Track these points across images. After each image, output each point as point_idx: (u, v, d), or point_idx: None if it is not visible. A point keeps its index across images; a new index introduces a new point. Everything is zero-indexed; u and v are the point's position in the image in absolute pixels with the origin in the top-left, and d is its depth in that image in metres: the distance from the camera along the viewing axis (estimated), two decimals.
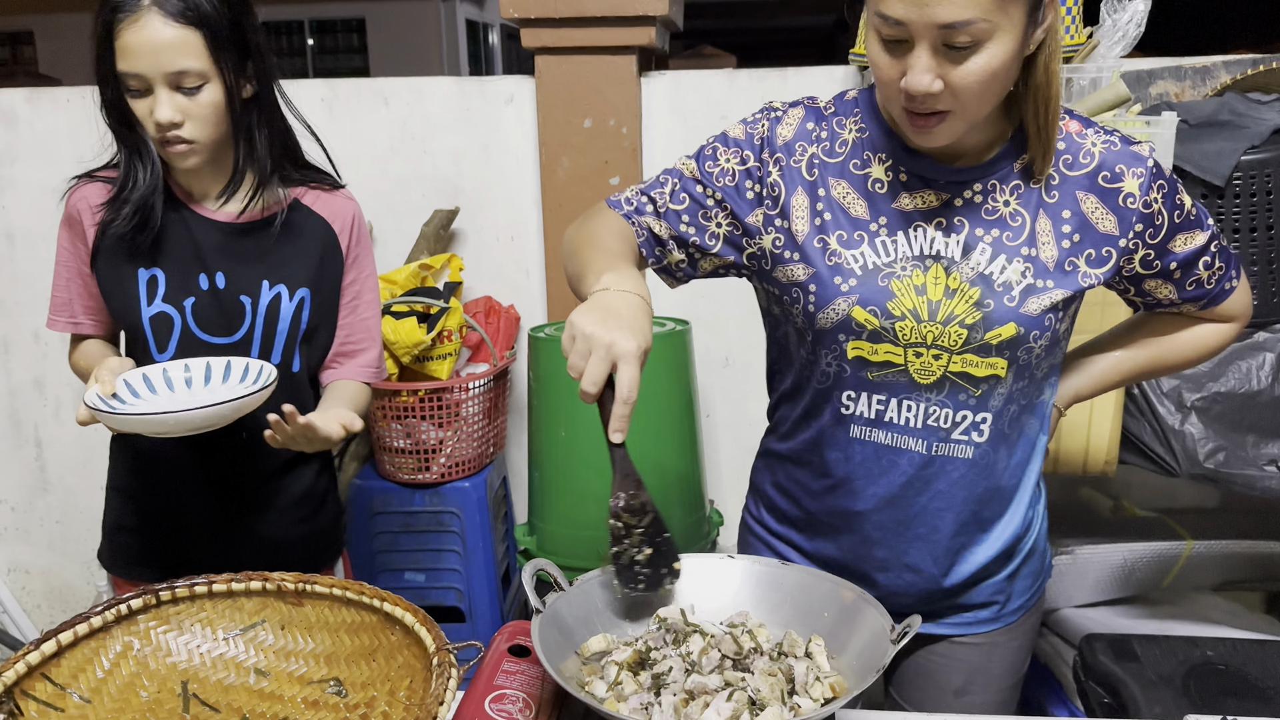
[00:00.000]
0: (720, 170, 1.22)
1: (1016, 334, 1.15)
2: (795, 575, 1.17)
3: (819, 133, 1.20)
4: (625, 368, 0.98)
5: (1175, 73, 2.24)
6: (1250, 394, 1.84)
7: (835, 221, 1.18)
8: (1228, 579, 2.31)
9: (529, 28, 2.36)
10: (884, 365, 1.18)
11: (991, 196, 1.17)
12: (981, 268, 1.16)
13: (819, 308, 1.18)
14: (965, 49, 1.02)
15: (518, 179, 2.54)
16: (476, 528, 2.31)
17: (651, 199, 1.24)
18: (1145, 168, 1.17)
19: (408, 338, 2.16)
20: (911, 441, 1.21)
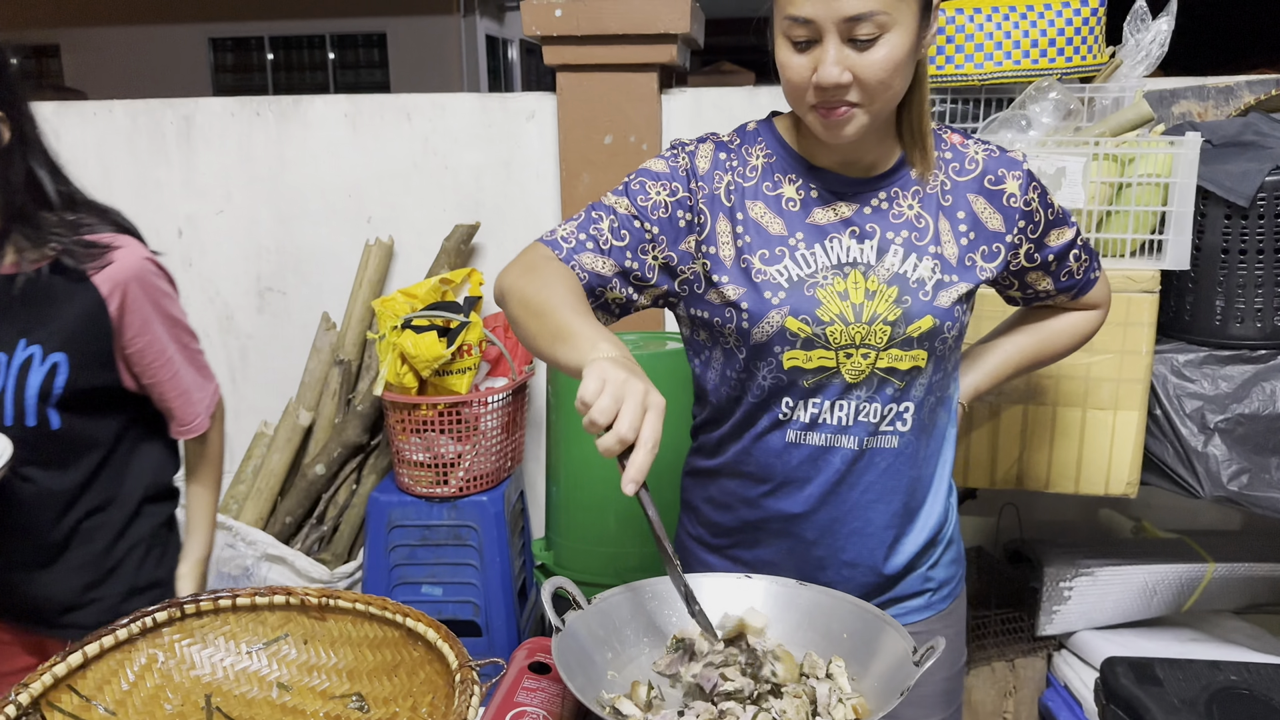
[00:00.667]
0: (654, 204, 1.25)
1: (933, 325, 1.25)
2: (812, 595, 1.17)
3: (730, 161, 1.28)
4: (654, 417, 0.97)
5: (1198, 92, 2.23)
6: (1274, 416, 1.82)
7: (756, 241, 1.25)
8: (1250, 602, 2.29)
9: (550, 45, 2.37)
10: (818, 370, 1.25)
11: (896, 203, 1.27)
12: (896, 268, 1.25)
13: (753, 323, 1.24)
14: (868, 42, 1.12)
15: (538, 195, 2.55)
16: (494, 542, 2.32)
17: (591, 236, 1.23)
18: (1022, 170, 1.29)
19: (428, 352, 2.17)
20: (844, 439, 1.28)
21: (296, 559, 2.45)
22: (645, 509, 1.04)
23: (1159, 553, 2.24)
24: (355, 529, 2.57)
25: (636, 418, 0.96)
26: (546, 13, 2.33)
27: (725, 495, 1.36)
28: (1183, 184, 1.75)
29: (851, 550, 1.32)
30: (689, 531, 1.44)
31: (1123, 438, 1.84)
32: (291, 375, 2.70)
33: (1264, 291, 1.84)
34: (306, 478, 2.54)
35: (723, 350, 1.30)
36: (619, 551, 2.18)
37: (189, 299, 2.71)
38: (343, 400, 2.58)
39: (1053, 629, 2.21)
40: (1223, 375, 1.87)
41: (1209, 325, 1.89)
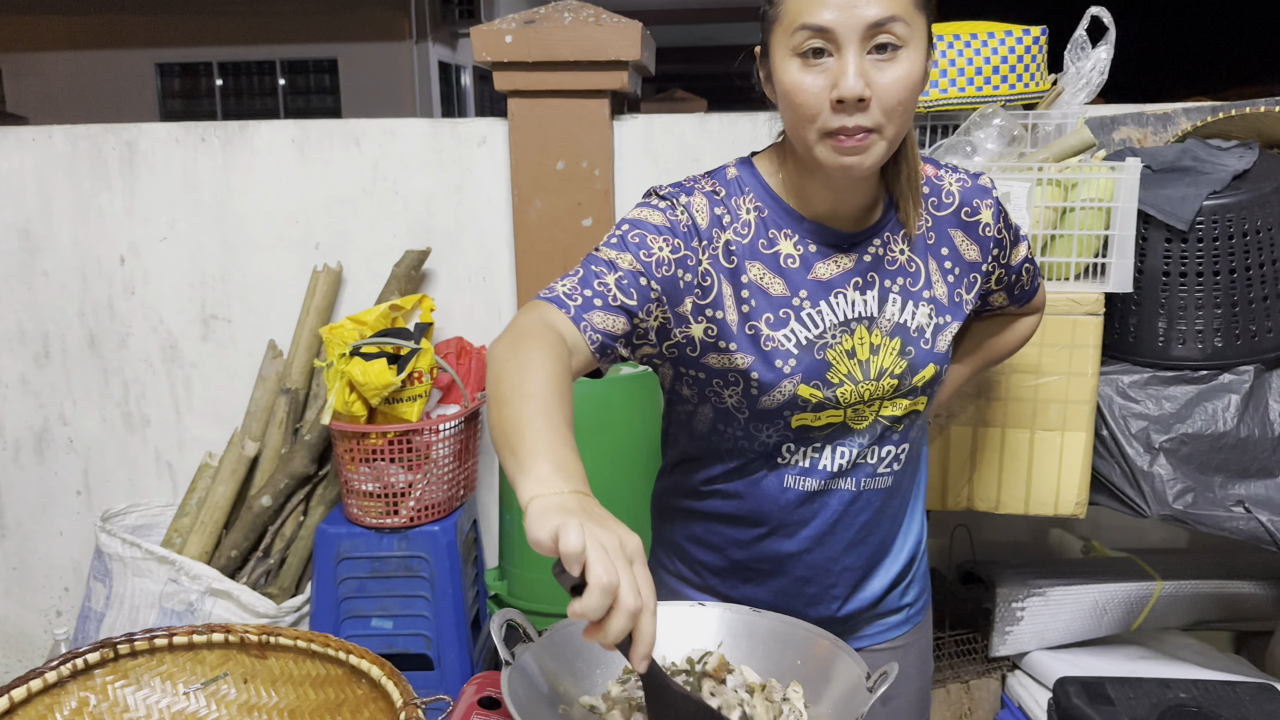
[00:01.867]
0: (657, 260, 1.13)
1: (935, 373, 1.25)
2: (768, 623, 1.16)
3: (725, 217, 1.17)
4: (641, 568, 0.82)
5: (1137, 119, 2.28)
6: (1217, 435, 1.85)
7: (760, 306, 1.18)
8: (1197, 619, 2.32)
9: (501, 70, 2.37)
10: (826, 426, 1.22)
11: (889, 249, 1.23)
12: (896, 317, 1.22)
13: (763, 392, 1.18)
14: (886, 56, 1.06)
15: (490, 220, 2.53)
16: (446, 573, 2.28)
17: (599, 294, 1.10)
18: (992, 197, 1.27)
19: (377, 379, 2.14)
20: (843, 482, 1.26)
21: (242, 593, 2.39)
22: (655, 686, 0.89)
23: (1108, 572, 2.26)
24: (303, 561, 2.52)
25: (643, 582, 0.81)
26: (497, 39, 2.33)
27: (713, 536, 1.32)
28: (1124, 208, 1.78)
29: (843, 584, 1.31)
30: (668, 568, 1.40)
31: (1071, 458, 1.86)
32: (237, 405, 2.65)
33: (1204, 313, 1.88)
34: (252, 510, 2.49)
35: (714, 408, 1.24)
36: None
37: (132, 328, 2.66)
38: (289, 430, 2.53)
39: (1006, 649, 2.22)
40: (1166, 396, 1.90)
41: (1152, 347, 1.93)
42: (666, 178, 2.48)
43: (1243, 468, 1.85)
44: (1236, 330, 1.87)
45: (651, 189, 1.21)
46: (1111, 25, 2.03)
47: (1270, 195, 1.85)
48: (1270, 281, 1.87)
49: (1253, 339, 1.88)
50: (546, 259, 2.46)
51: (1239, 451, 1.85)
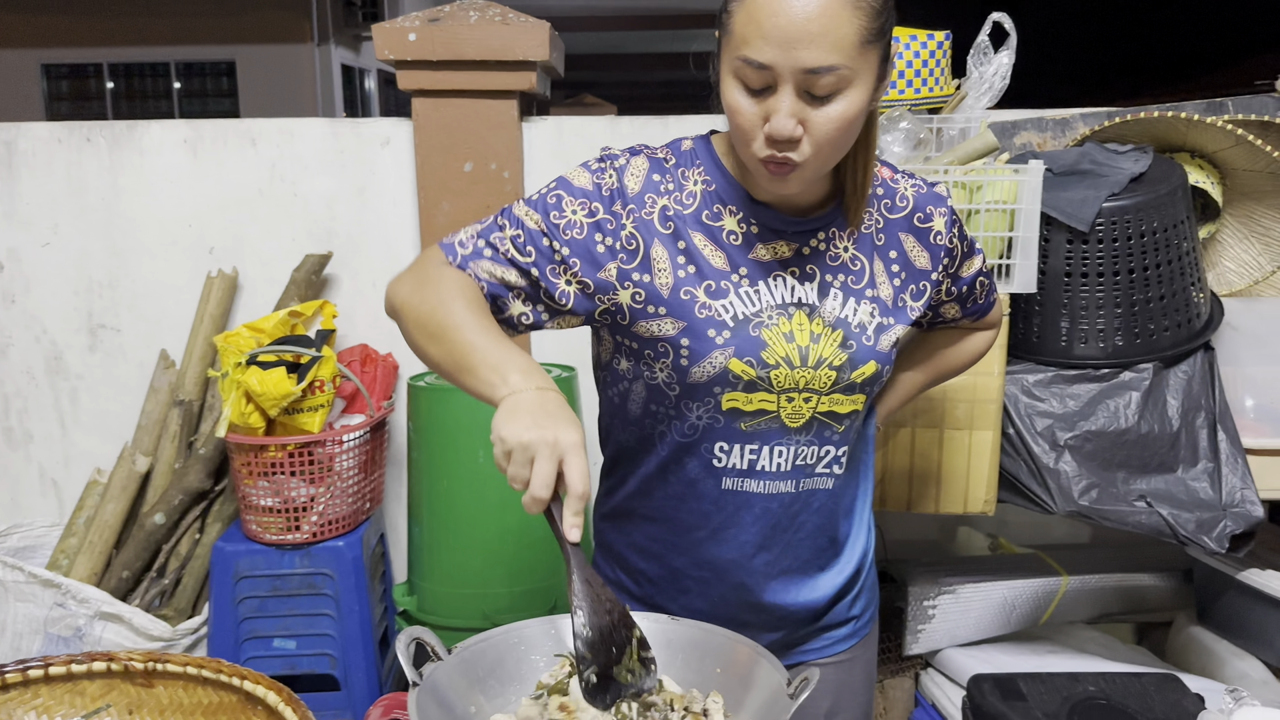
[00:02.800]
0: (568, 222, 1.13)
1: (876, 371, 1.22)
2: (687, 631, 1.13)
3: (666, 184, 1.17)
4: (574, 460, 0.94)
5: (1037, 124, 2.33)
6: (1119, 432, 1.89)
7: (700, 273, 1.16)
8: (1102, 612, 2.38)
9: (405, 70, 2.30)
10: (757, 414, 1.19)
11: (833, 244, 1.21)
12: (838, 311, 1.20)
13: (693, 362, 1.16)
14: (826, 96, 1.05)
15: (396, 223, 2.46)
16: (351, 590, 2.20)
17: (492, 245, 1.13)
18: (947, 206, 1.27)
19: (275, 389, 2.05)
20: (782, 484, 1.23)
21: (134, 616, 2.27)
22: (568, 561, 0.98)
23: (1016, 568, 2.30)
24: (199, 581, 2.40)
25: (547, 472, 0.93)
26: (400, 37, 2.26)
27: (651, 542, 1.29)
28: (1028, 210, 1.81)
29: (785, 591, 1.28)
30: (607, 576, 1.36)
31: (979, 457, 1.88)
32: (127, 418, 2.52)
33: (1105, 313, 1.92)
34: (145, 528, 2.37)
35: (646, 385, 1.21)
36: (486, 593, 2.10)
37: (12, 338, 2.51)
38: (183, 443, 2.41)
39: (919, 648, 2.23)
40: (1070, 394, 1.94)
41: (1055, 346, 1.96)
42: None
43: (1143, 463, 1.90)
44: (1135, 329, 1.92)
45: (603, 148, 1.21)
46: (1013, 31, 2.07)
47: (1165, 197, 1.90)
48: (1166, 281, 1.92)
49: (1151, 337, 1.93)
50: None
51: (1140, 447, 1.90)
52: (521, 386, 0.98)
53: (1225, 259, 2.20)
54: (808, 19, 1.01)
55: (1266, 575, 2.05)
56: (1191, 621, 2.31)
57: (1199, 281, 1.97)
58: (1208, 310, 2.01)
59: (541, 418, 0.95)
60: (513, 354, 1.02)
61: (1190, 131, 2.02)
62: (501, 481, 2.22)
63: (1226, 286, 2.19)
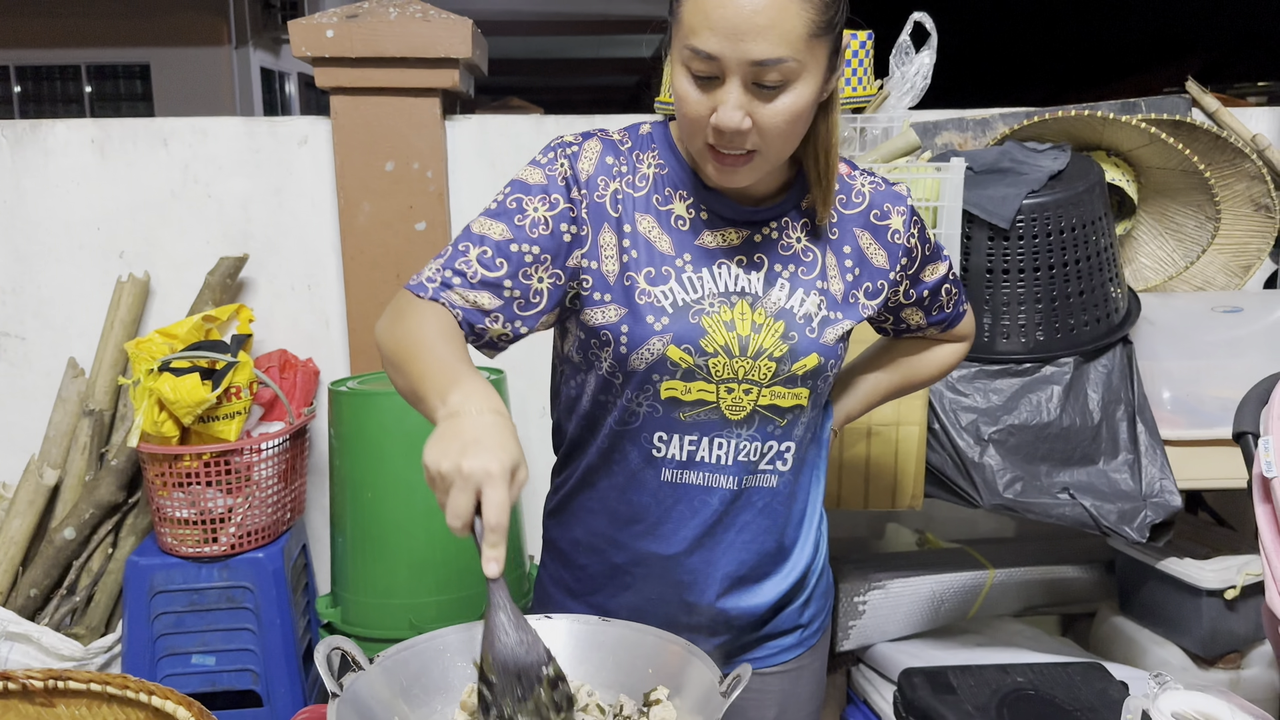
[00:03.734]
0: (532, 220, 1.12)
1: (818, 364, 1.19)
2: (618, 631, 1.10)
3: (619, 167, 1.16)
4: (490, 492, 0.90)
5: (958, 124, 2.37)
6: (1041, 425, 1.92)
7: (643, 258, 1.15)
8: (1027, 605, 2.41)
9: (323, 67, 2.24)
10: (696, 404, 1.17)
11: (785, 234, 1.20)
12: (782, 302, 1.18)
13: (632, 348, 1.14)
14: (774, 88, 1.04)
15: (314, 224, 2.40)
16: (273, 602, 2.13)
17: (459, 272, 1.11)
18: (906, 206, 1.25)
19: (189, 396, 1.98)
20: (723, 479, 1.21)
21: (43, 635, 2.17)
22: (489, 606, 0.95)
23: (943, 563, 2.32)
24: (113, 597, 2.30)
25: (461, 504, 0.90)
26: (317, 33, 2.21)
27: (592, 537, 1.26)
28: (950, 207, 1.83)
29: (725, 593, 1.25)
30: (550, 574, 1.34)
31: (906, 452, 1.89)
32: (33, 429, 2.41)
33: (1026, 308, 1.95)
34: (54, 543, 2.26)
35: (596, 376, 1.19)
36: (413, 603, 2.05)
37: None
38: (94, 455, 2.32)
39: (850, 644, 2.24)
40: (993, 388, 1.96)
41: (978, 341, 1.98)
42: (503, 180, 2.41)
43: (1066, 456, 1.93)
44: (1056, 324, 1.95)
45: (553, 139, 1.18)
46: (933, 31, 2.09)
47: (1083, 194, 1.94)
48: (1085, 277, 1.95)
49: (1071, 332, 1.96)
50: (376, 264, 2.35)
51: (1062, 440, 1.93)
52: (459, 409, 0.95)
53: (1141, 255, 2.26)
54: (755, 11, 1.01)
55: (1185, 564, 2.10)
56: (1114, 612, 2.36)
57: (1117, 277, 2.01)
58: (1125, 305, 2.05)
59: (467, 444, 0.91)
60: (458, 374, 1.00)
61: (1106, 130, 2.07)
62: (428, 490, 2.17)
63: (1143, 282, 2.25)
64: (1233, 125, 2.29)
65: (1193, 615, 2.11)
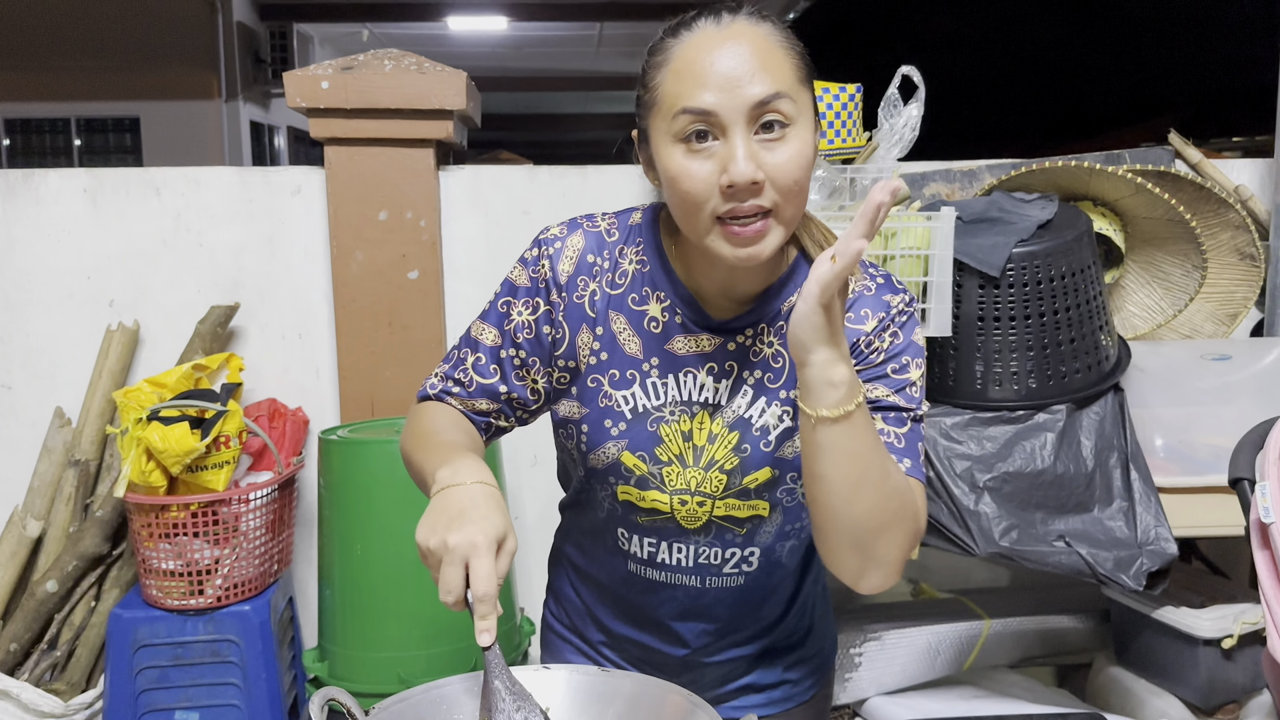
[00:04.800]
0: (517, 325, 1.14)
1: (772, 476, 1.13)
2: (618, 682, 1.08)
3: (600, 264, 1.13)
4: (475, 563, 0.90)
5: (945, 175, 2.40)
6: (1036, 473, 1.92)
7: (610, 360, 1.13)
8: (1023, 656, 2.39)
9: (318, 118, 2.26)
10: (651, 511, 1.16)
11: (760, 339, 1.13)
12: (741, 411, 1.12)
13: (590, 449, 1.15)
14: (775, 135, 0.99)
15: (306, 273, 2.40)
16: (259, 656, 2.09)
17: (458, 381, 1.17)
18: (886, 313, 1.10)
19: (178, 445, 1.96)
20: (684, 578, 1.21)
21: (23, 691, 2.12)
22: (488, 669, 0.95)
23: (939, 613, 2.30)
24: (95, 652, 2.26)
25: (452, 579, 0.91)
26: (312, 84, 2.22)
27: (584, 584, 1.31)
28: (941, 255, 1.84)
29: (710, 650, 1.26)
30: (553, 612, 1.38)
31: None
32: (18, 480, 2.37)
33: (1018, 356, 1.96)
34: (36, 596, 2.22)
35: (570, 458, 1.23)
36: (402, 656, 2.02)
37: None
38: (79, 505, 2.28)
39: (846, 697, 2.21)
40: (987, 436, 1.96)
41: (971, 389, 1.99)
42: (496, 230, 2.42)
43: (1060, 503, 1.92)
44: (1048, 371, 1.96)
45: (540, 232, 1.17)
46: (921, 84, 2.12)
47: (1072, 243, 1.95)
48: (1076, 324, 1.97)
49: (1063, 379, 1.97)
50: (369, 313, 2.34)
51: (1056, 488, 1.92)
52: (446, 482, 0.97)
53: (1129, 304, 2.28)
54: (744, 57, 0.99)
55: (1181, 613, 2.08)
56: (1110, 662, 2.34)
57: (1107, 325, 2.03)
58: (1116, 353, 2.06)
59: (453, 518, 0.92)
60: (450, 452, 1.03)
61: (1092, 180, 2.10)
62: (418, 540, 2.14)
63: (1131, 330, 2.26)
64: (1215, 176, 2.32)
65: (1190, 665, 2.09)
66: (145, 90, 9.77)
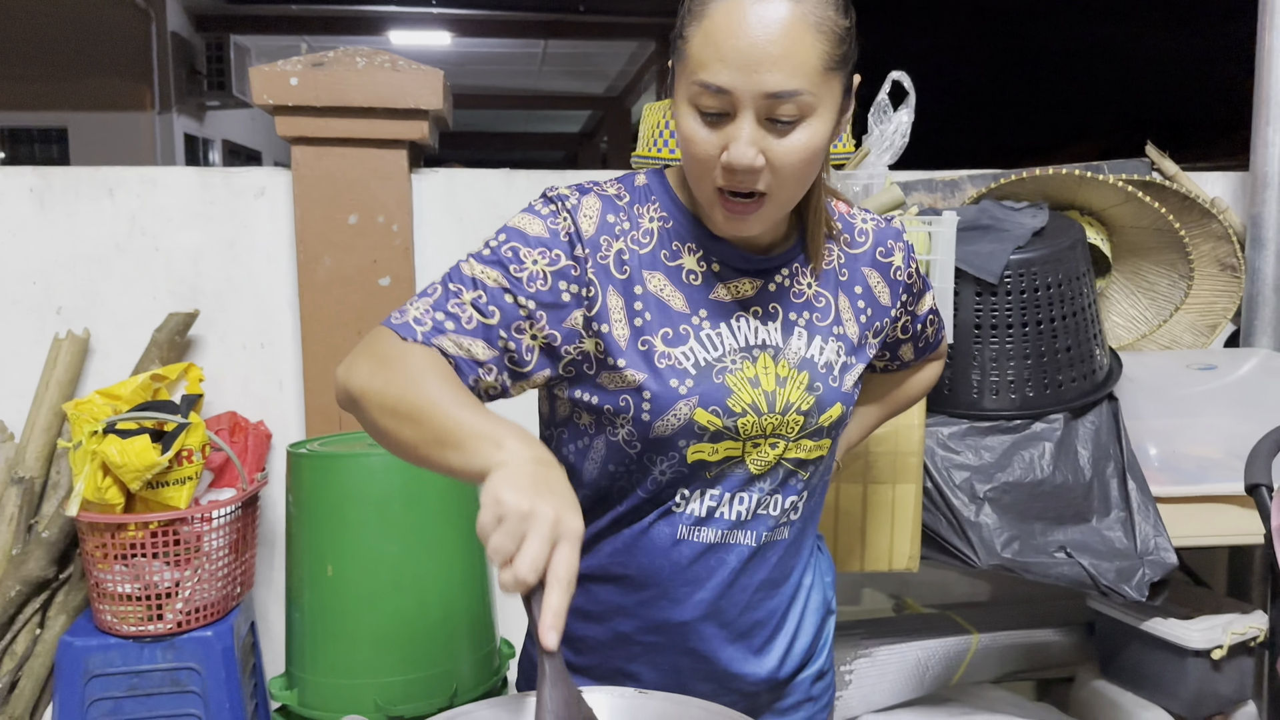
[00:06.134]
0: (530, 275, 1.04)
1: (842, 414, 1.15)
2: (657, 705, 1.00)
3: (621, 224, 1.09)
4: (568, 548, 0.84)
5: (928, 185, 2.38)
6: (1035, 483, 1.89)
7: (657, 320, 1.08)
8: (1008, 671, 2.36)
9: (285, 115, 2.15)
10: (723, 462, 1.10)
11: (796, 280, 1.15)
12: (803, 352, 1.13)
13: (656, 415, 1.06)
14: (788, 124, 0.99)
15: (270, 279, 2.28)
16: (222, 685, 1.96)
17: (452, 315, 1.03)
18: (903, 241, 1.22)
19: (138, 459, 1.83)
20: (741, 535, 1.13)
21: None
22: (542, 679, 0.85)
23: (928, 629, 2.26)
24: (40, 683, 2.09)
25: (540, 556, 0.82)
26: (280, 80, 2.12)
27: (595, 604, 1.17)
28: (942, 261, 1.81)
29: (739, 660, 1.17)
30: None
31: (903, 511, 1.84)
32: None
33: (1015, 364, 1.93)
34: None
35: (607, 441, 1.11)
36: (378, 683, 1.90)
37: None
38: (22, 526, 2.13)
39: (837, 716, 2.15)
40: (985, 446, 1.93)
41: (968, 398, 1.96)
42: (471, 235, 2.34)
43: (1059, 514, 1.90)
44: (1045, 380, 1.94)
45: (546, 189, 1.11)
46: (911, 90, 2.10)
47: (1066, 251, 1.94)
48: (1071, 332, 1.95)
49: (1059, 388, 1.95)
50: (337, 321, 2.24)
51: (1055, 498, 1.90)
52: (522, 455, 0.88)
53: (1114, 314, 2.27)
54: (769, 40, 0.96)
55: (1170, 624, 2.07)
56: (1094, 675, 2.32)
57: (1099, 334, 2.02)
58: (1108, 362, 2.05)
59: (545, 492, 0.85)
60: (506, 424, 0.93)
61: (1081, 189, 2.09)
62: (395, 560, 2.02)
63: (1115, 341, 2.26)
64: (1191, 188, 2.34)
65: (1178, 676, 2.08)
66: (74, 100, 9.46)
